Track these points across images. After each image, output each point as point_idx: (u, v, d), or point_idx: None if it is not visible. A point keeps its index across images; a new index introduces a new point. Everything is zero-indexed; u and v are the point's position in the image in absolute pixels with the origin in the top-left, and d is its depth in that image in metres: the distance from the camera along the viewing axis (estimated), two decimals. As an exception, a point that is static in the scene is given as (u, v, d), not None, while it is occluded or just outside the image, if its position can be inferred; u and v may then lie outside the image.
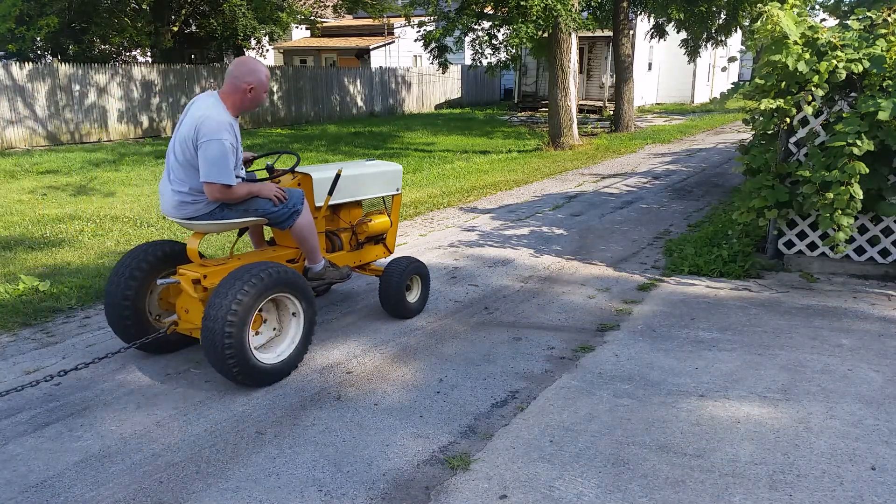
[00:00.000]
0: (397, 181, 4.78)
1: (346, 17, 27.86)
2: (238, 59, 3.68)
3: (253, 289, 3.40)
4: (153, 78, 17.58)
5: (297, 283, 3.67)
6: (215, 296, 3.39)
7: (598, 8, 17.58)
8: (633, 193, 9.36)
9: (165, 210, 3.76)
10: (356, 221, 4.68)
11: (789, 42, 4.88)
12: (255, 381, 3.56)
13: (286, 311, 3.76)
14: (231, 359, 3.35)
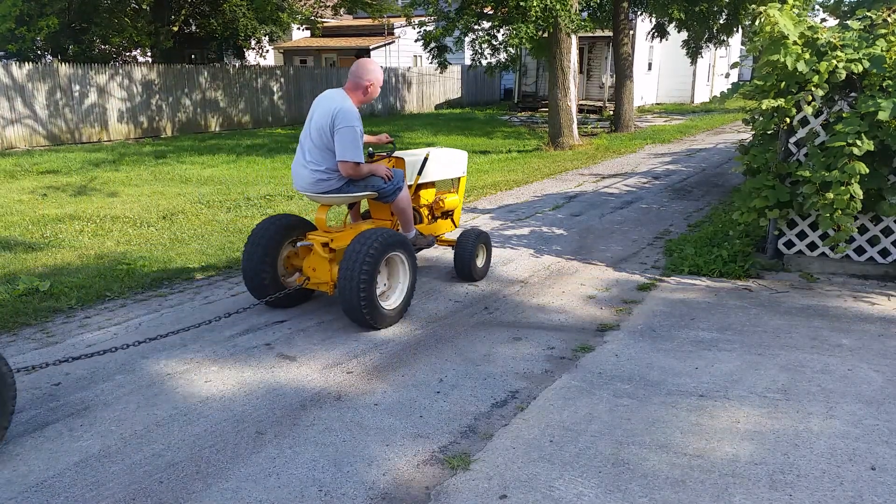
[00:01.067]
0: (463, 165, 5.68)
1: (346, 17, 27.86)
2: (359, 61, 4.56)
3: (378, 248, 4.20)
4: (153, 78, 17.58)
5: (406, 244, 4.53)
6: (349, 255, 4.19)
7: (599, 8, 17.58)
8: (633, 193, 9.36)
9: (301, 187, 4.53)
10: (433, 199, 5.52)
11: (788, 42, 4.88)
12: (379, 324, 4.38)
13: (395, 267, 4.54)
14: (365, 307, 4.19)
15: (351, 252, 4.18)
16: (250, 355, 4.03)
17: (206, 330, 4.43)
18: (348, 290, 4.16)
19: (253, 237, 4.60)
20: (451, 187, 5.84)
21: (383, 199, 4.67)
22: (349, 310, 4.26)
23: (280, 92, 20.91)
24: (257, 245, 4.55)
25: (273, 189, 9.73)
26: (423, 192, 5.41)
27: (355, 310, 4.22)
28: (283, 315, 4.69)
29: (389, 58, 28.01)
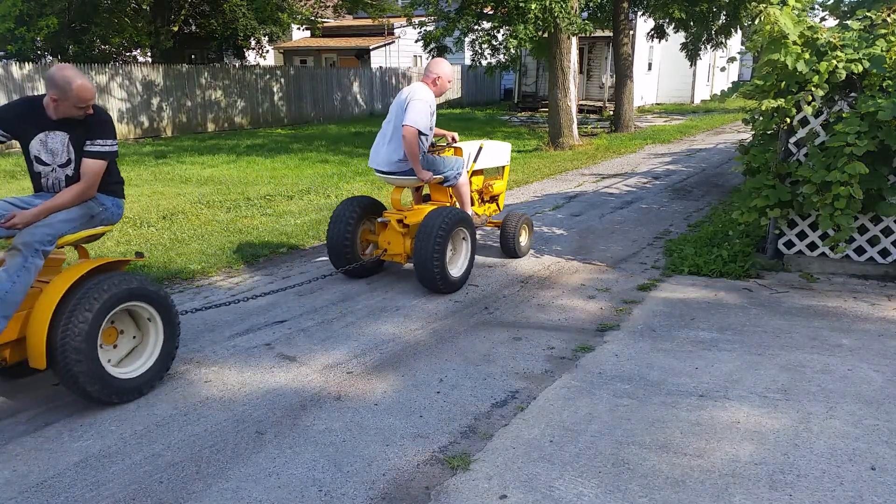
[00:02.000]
0: (508, 155, 6.41)
1: (346, 17, 27.86)
2: (432, 60, 5.29)
3: (448, 224, 4.90)
4: (153, 78, 17.58)
5: (469, 220, 5.21)
6: (423, 229, 4.86)
7: (599, 8, 17.58)
8: (633, 193, 9.36)
9: (378, 166, 5.19)
10: (483, 184, 6.18)
11: (788, 42, 4.88)
12: (449, 289, 5.07)
13: (459, 240, 5.23)
14: (437, 274, 4.88)
15: (425, 227, 4.88)
16: (250, 355, 4.03)
17: (205, 330, 4.43)
18: (423, 260, 4.85)
19: (336, 215, 5.27)
20: (497, 174, 6.51)
21: (447, 182, 5.39)
22: (423, 277, 4.96)
23: (280, 92, 20.91)
24: (340, 222, 5.21)
25: (273, 189, 9.73)
26: (475, 179, 6.05)
27: (429, 277, 4.90)
28: (283, 315, 4.70)
29: (389, 58, 28.02)
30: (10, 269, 3.12)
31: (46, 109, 3.37)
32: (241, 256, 6.16)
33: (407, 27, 19.25)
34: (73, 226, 3.41)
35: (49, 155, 3.46)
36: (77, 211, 3.43)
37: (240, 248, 6.39)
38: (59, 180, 3.49)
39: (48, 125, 3.40)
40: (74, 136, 3.41)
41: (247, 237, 6.84)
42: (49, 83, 3.27)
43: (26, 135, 3.44)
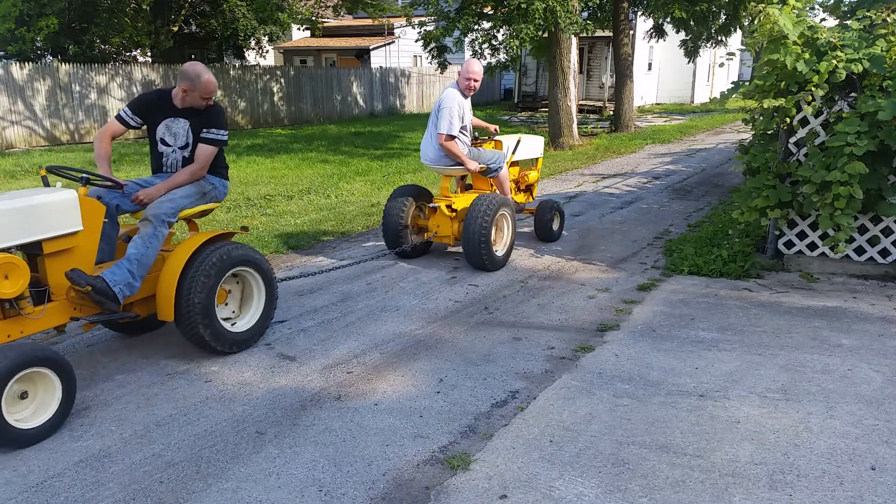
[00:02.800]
0: (541, 149, 7.09)
1: (346, 17, 27.85)
2: (466, 60, 5.85)
3: (493, 208, 5.52)
4: (153, 78, 17.58)
5: (511, 205, 5.86)
6: (471, 214, 5.47)
7: (599, 8, 17.57)
8: (633, 193, 9.36)
9: (427, 160, 5.85)
10: (519, 174, 6.75)
11: (788, 42, 4.88)
12: (494, 266, 5.66)
13: (501, 223, 5.81)
14: (484, 253, 5.49)
15: (472, 211, 5.49)
16: (250, 355, 4.03)
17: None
18: (471, 241, 5.48)
19: (390, 203, 5.90)
20: (532, 166, 7.07)
21: (490, 172, 5.99)
22: (471, 256, 5.58)
23: (280, 92, 20.90)
24: (394, 208, 5.85)
25: (273, 189, 9.73)
26: (512, 169, 6.60)
27: (476, 256, 5.53)
28: (283, 315, 4.70)
29: (389, 58, 28.02)
30: (144, 237, 3.67)
31: (174, 99, 4.01)
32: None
33: (407, 27, 19.25)
34: (190, 201, 4.00)
35: (172, 137, 4.07)
36: (193, 188, 4.01)
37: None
38: (178, 161, 4.10)
39: (174, 112, 4.03)
40: (194, 123, 4.02)
41: (246, 237, 6.84)
42: (182, 76, 3.88)
43: (154, 119, 4.04)
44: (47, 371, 3.07)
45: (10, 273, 3.12)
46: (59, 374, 3.12)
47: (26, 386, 3.05)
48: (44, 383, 3.10)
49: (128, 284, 3.56)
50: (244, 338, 4.03)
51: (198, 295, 3.68)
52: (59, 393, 3.14)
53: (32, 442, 3.04)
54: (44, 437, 3.09)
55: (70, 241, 3.42)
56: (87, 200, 3.49)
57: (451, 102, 5.58)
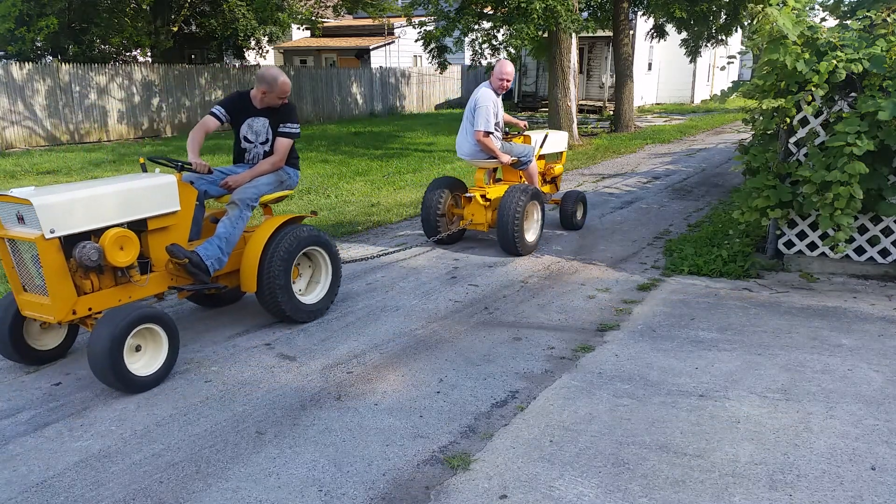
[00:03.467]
0: (566, 143, 7.61)
1: (346, 17, 27.85)
2: (498, 62, 6.24)
3: (526, 198, 6.00)
4: (153, 78, 17.58)
5: (541, 196, 6.37)
6: (505, 203, 5.94)
7: (599, 8, 17.57)
8: (633, 193, 9.36)
9: (463, 154, 6.34)
10: (545, 167, 7.24)
11: (788, 42, 4.88)
12: (526, 251, 6.15)
13: (532, 211, 6.27)
14: (517, 239, 5.98)
15: (506, 200, 5.97)
16: (250, 355, 4.03)
17: (205, 330, 4.43)
18: (505, 228, 5.96)
19: (428, 193, 6.40)
20: (557, 159, 7.61)
21: (520, 165, 6.46)
22: (504, 242, 6.06)
23: (280, 92, 20.86)
24: (432, 198, 6.35)
25: (273, 189, 9.72)
26: (539, 162, 7.02)
27: (509, 241, 6.01)
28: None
29: (389, 58, 28.01)
30: (231, 218, 4.21)
31: (253, 101, 4.49)
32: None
33: (407, 27, 19.24)
34: (270, 188, 4.49)
35: (253, 135, 4.54)
36: (272, 177, 4.50)
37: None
38: (259, 154, 4.57)
39: (254, 112, 4.51)
40: (272, 120, 4.50)
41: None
42: (260, 80, 4.38)
43: (238, 119, 4.53)
44: (157, 328, 3.62)
45: (124, 245, 3.62)
46: (166, 330, 3.66)
47: (140, 340, 3.60)
48: (154, 338, 3.65)
49: (217, 259, 4.11)
50: (314, 308, 4.56)
51: (277, 269, 4.20)
52: (166, 347, 3.68)
53: (146, 388, 3.56)
54: (154, 384, 3.61)
55: (169, 219, 3.92)
56: (183, 185, 3.98)
57: (486, 101, 6.06)
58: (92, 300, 3.63)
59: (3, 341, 3.71)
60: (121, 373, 3.40)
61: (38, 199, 3.32)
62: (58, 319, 3.51)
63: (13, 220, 3.48)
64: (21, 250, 3.53)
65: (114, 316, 3.42)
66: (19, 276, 3.61)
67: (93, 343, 3.36)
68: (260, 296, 4.30)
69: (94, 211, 3.55)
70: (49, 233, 3.36)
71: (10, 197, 3.40)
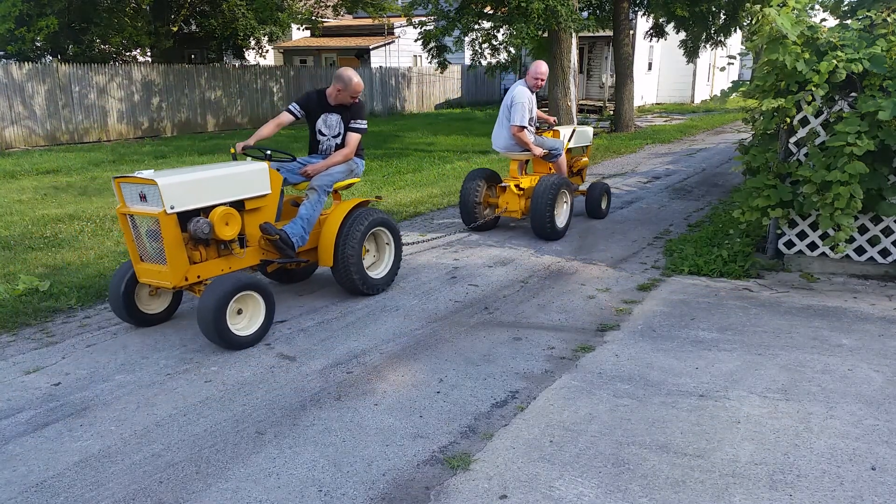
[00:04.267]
0: (591, 137, 8.14)
1: (346, 17, 27.83)
2: (533, 62, 6.83)
3: (556, 187, 6.50)
4: (153, 78, 17.58)
5: (570, 185, 6.89)
6: (538, 192, 6.49)
7: (599, 7, 17.56)
8: (633, 193, 9.36)
9: (498, 147, 6.98)
10: (571, 160, 7.78)
11: (787, 42, 4.88)
12: (556, 236, 6.69)
13: (561, 200, 6.78)
14: (548, 224, 6.50)
15: (539, 189, 6.50)
16: (250, 355, 4.03)
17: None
18: (538, 214, 6.49)
19: (466, 184, 6.95)
20: (583, 153, 8.12)
21: (550, 157, 6.97)
22: (537, 228, 6.58)
23: (280, 92, 20.90)
24: (469, 188, 6.90)
25: (273, 189, 9.72)
26: (566, 155, 7.47)
27: (541, 227, 6.53)
28: (284, 315, 4.70)
29: (389, 58, 28.00)
30: (311, 201, 4.78)
31: (328, 98, 5.00)
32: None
33: (407, 27, 19.23)
34: (342, 176, 5.02)
35: (327, 129, 5.09)
36: (344, 167, 5.03)
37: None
38: (331, 146, 5.10)
39: (328, 109, 5.04)
40: (344, 116, 5.03)
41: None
42: (337, 78, 4.89)
43: (314, 114, 5.07)
44: (256, 294, 4.14)
45: (229, 220, 4.17)
46: (264, 297, 4.18)
47: (242, 305, 4.13)
48: (253, 303, 4.16)
49: (301, 237, 4.69)
50: (381, 283, 5.11)
51: (351, 246, 4.76)
52: (264, 311, 4.19)
53: (245, 346, 4.09)
54: (252, 344, 4.13)
55: (261, 201, 4.47)
56: (272, 171, 4.51)
57: (522, 98, 6.58)
58: (200, 269, 4.20)
59: (118, 305, 4.29)
60: (224, 333, 3.93)
61: (162, 180, 3.86)
62: (173, 285, 4.07)
63: (135, 199, 4.04)
64: (140, 225, 4.09)
65: (220, 283, 3.95)
66: (138, 248, 4.18)
67: (202, 306, 3.88)
68: (335, 270, 4.87)
69: (205, 191, 4.12)
70: (170, 209, 3.91)
71: (137, 178, 3.94)
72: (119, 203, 4.15)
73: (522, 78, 6.98)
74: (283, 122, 4.92)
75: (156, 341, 4.26)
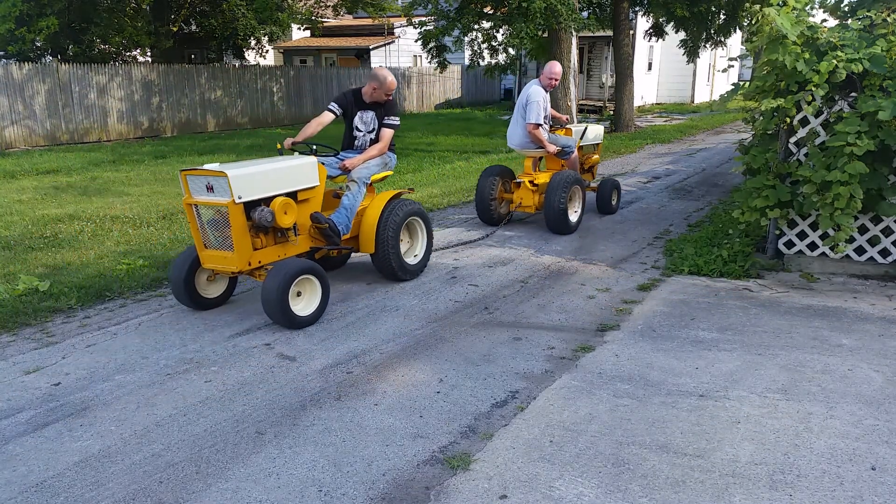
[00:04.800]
0: (602, 135, 8.41)
1: (346, 17, 27.83)
2: (548, 62, 7.09)
3: (570, 183, 6.79)
4: (153, 78, 17.58)
5: (581, 181, 7.13)
6: (552, 187, 6.74)
7: (598, 7, 17.56)
8: (633, 193, 9.36)
9: (514, 144, 7.16)
10: (583, 157, 8.03)
11: (787, 42, 4.88)
12: (570, 230, 6.94)
13: (575, 195, 7.02)
14: (562, 219, 6.76)
15: (552, 184, 6.74)
16: (250, 355, 4.03)
17: (205, 330, 4.43)
18: (552, 209, 6.74)
19: (482, 181, 7.18)
20: (594, 151, 8.36)
21: (563, 154, 7.17)
22: (551, 222, 6.84)
23: (280, 92, 20.90)
24: (485, 185, 7.16)
25: (273, 189, 9.71)
26: (578, 153, 7.71)
27: (555, 222, 6.80)
28: (283, 315, 4.70)
29: (389, 58, 28.00)
30: (352, 192, 5.16)
31: (363, 96, 5.35)
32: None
33: (407, 27, 19.24)
34: (378, 169, 5.39)
35: (363, 125, 5.42)
36: (380, 160, 5.39)
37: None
38: (366, 142, 5.44)
39: (364, 106, 5.38)
40: (378, 113, 5.38)
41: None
42: (372, 77, 5.26)
43: (351, 111, 5.40)
44: (314, 278, 4.48)
45: (287, 210, 4.53)
46: (320, 280, 4.51)
47: (301, 288, 4.45)
48: (311, 286, 4.50)
49: (345, 225, 5.07)
50: (415, 268, 5.49)
51: (390, 234, 5.13)
52: (320, 293, 4.53)
53: (305, 325, 4.43)
54: (310, 323, 4.47)
55: (311, 193, 4.83)
56: (319, 165, 4.89)
57: (537, 97, 6.82)
58: (260, 255, 4.54)
59: (179, 290, 4.60)
60: (287, 312, 4.27)
61: (232, 172, 4.21)
62: (238, 269, 4.41)
63: (202, 191, 4.35)
64: (203, 214, 4.42)
65: (283, 267, 4.29)
66: (202, 236, 4.48)
67: (266, 289, 4.24)
68: (375, 256, 5.23)
69: (267, 182, 4.46)
70: (238, 198, 4.23)
71: (207, 171, 4.27)
72: (185, 194, 4.44)
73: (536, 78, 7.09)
74: (324, 122, 5.20)
75: (156, 341, 4.26)
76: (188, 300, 4.65)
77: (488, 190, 7.14)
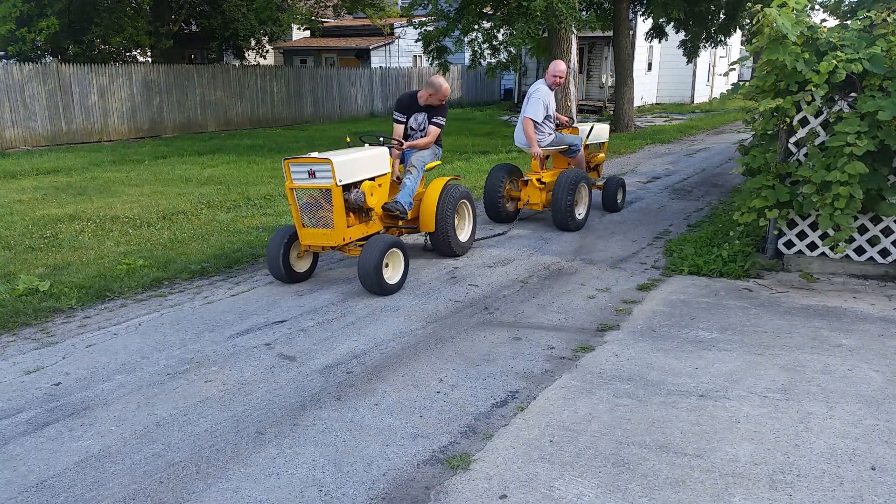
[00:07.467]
0: (608, 134, 8.62)
1: (346, 17, 27.82)
2: (553, 61, 7.29)
3: (576, 181, 6.94)
4: (153, 78, 17.58)
5: (588, 179, 7.31)
6: (559, 185, 6.92)
7: (598, 8, 17.56)
8: (633, 193, 9.36)
9: (520, 143, 7.31)
10: (589, 156, 8.19)
11: (787, 42, 4.88)
12: (576, 227, 7.09)
13: (581, 193, 7.17)
14: (569, 216, 6.93)
15: (560, 182, 6.94)
16: (250, 355, 4.03)
17: (205, 330, 4.44)
18: (559, 206, 6.92)
19: (490, 179, 7.39)
20: (599, 149, 8.51)
21: (569, 153, 7.46)
22: (557, 219, 7.01)
23: (280, 92, 20.89)
24: (493, 183, 7.34)
25: (273, 189, 9.73)
26: (584, 151, 7.88)
27: (562, 219, 6.96)
28: (283, 315, 4.70)
29: (389, 58, 27.99)
30: (413, 176, 5.78)
31: (419, 100, 6.08)
32: (242, 256, 6.16)
33: (407, 27, 19.23)
34: (431, 158, 6.12)
35: (416, 125, 6.15)
36: (430, 152, 6.11)
37: (240, 249, 6.39)
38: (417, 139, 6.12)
39: (418, 109, 6.13)
40: (429, 114, 6.11)
41: (247, 237, 6.84)
42: (429, 85, 6.00)
43: (409, 113, 6.14)
44: (398, 251, 5.14)
45: (373, 192, 5.27)
46: (403, 253, 5.19)
47: (388, 259, 5.07)
48: (396, 258, 5.16)
49: (409, 203, 5.69)
50: (466, 246, 6.19)
51: (447, 214, 5.81)
52: (403, 265, 5.20)
53: (392, 291, 5.09)
54: (396, 290, 5.13)
55: (383, 178, 5.51)
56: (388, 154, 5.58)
57: (540, 94, 7.00)
58: (351, 232, 5.21)
59: (276, 265, 5.20)
60: (381, 281, 4.92)
61: (335, 158, 4.87)
62: (336, 245, 5.12)
63: (304, 176, 4.96)
64: (300, 198, 5.09)
65: (376, 242, 4.92)
66: (301, 217, 5.14)
67: (363, 261, 4.87)
68: (434, 235, 5.90)
69: (358, 168, 5.14)
70: (339, 182, 4.89)
71: (309, 158, 4.93)
72: (287, 180, 5.02)
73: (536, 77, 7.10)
74: (399, 133, 6.07)
75: (156, 341, 4.26)
76: (284, 274, 5.21)
77: (496, 188, 7.28)
